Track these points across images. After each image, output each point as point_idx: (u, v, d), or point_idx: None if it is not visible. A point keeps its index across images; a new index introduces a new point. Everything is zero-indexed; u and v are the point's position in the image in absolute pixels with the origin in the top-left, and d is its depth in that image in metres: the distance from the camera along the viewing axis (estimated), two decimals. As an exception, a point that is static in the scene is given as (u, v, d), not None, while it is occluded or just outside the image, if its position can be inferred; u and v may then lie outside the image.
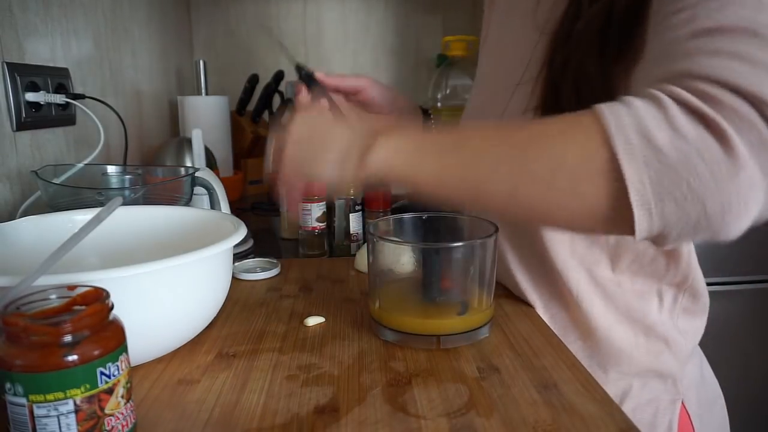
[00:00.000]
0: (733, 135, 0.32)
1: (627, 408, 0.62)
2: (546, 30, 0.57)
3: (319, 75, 0.64)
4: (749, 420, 1.43)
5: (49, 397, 0.34)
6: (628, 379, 0.63)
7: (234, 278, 0.73)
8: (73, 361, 0.34)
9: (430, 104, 1.70)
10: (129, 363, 0.39)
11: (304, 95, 0.64)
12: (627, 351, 0.62)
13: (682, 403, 0.64)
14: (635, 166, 0.34)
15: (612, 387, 0.63)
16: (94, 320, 0.36)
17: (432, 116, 0.76)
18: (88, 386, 0.35)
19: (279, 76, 1.51)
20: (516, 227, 0.63)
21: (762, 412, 1.44)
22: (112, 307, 0.38)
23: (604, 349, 0.62)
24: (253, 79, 1.51)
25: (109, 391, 0.36)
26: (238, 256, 0.86)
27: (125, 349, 0.38)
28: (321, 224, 0.92)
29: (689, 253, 0.61)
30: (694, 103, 0.34)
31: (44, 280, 0.40)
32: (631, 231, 0.36)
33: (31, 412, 0.34)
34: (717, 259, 1.26)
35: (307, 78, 0.64)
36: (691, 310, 0.64)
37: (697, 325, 0.66)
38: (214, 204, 0.84)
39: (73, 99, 0.94)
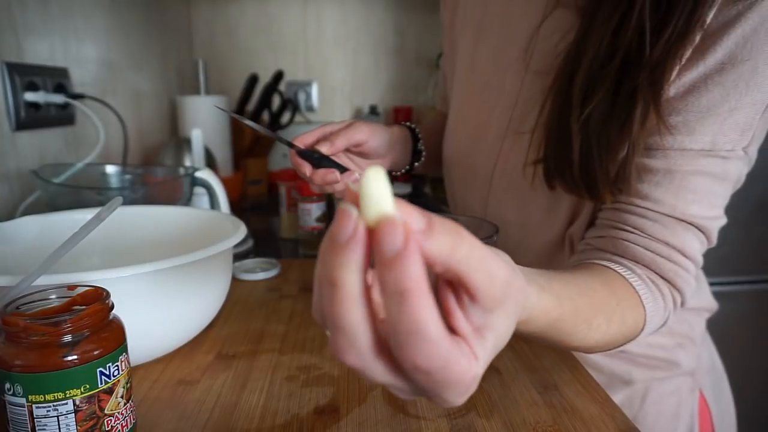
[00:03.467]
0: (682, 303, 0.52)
1: (651, 401, 0.63)
2: (540, 69, 0.56)
3: (321, 149, 0.57)
4: (749, 420, 1.43)
5: (49, 397, 0.34)
6: (650, 376, 0.64)
7: (234, 278, 0.73)
8: (72, 361, 0.34)
9: (430, 104, 1.70)
10: (129, 363, 0.39)
11: (313, 174, 0.56)
12: (648, 352, 0.63)
13: (700, 390, 0.66)
14: (649, 332, 0.50)
15: (635, 385, 0.64)
16: (94, 320, 0.36)
17: (420, 138, 0.73)
18: (87, 386, 0.35)
19: (278, 75, 1.51)
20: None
21: (763, 411, 1.44)
22: (112, 307, 0.38)
23: (630, 351, 0.63)
24: (253, 79, 1.51)
25: (109, 391, 0.36)
26: (238, 256, 0.86)
27: (125, 349, 0.38)
28: (321, 224, 0.92)
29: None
30: (684, 294, 0.51)
31: (44, 280, 0.40)
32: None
33: (31, 412, 0.34)
34: (717, 259, 1.26)
35: (310, 157, 0.56)
36: (695, 300, 0.65)
37: (703, 314, 0.67)
38: (214, 204, 0.84)
39: (73, 99, 0.94)
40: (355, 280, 0.24)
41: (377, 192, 0.23)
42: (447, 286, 0.27)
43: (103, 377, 0.36)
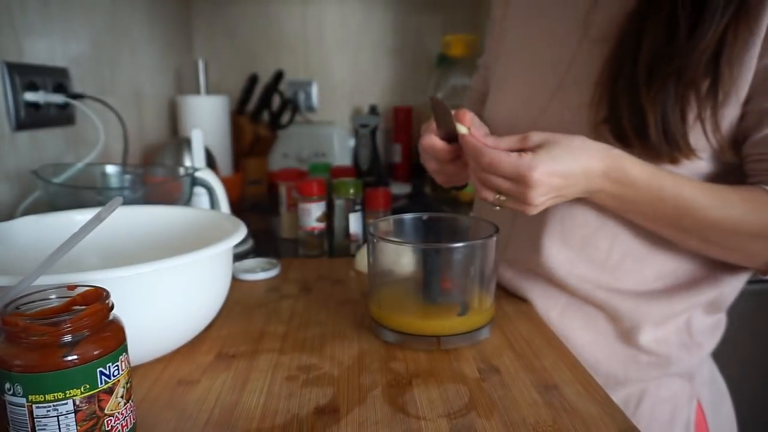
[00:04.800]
0: None
1: (646, 406, 0.63)
2: (598, 38, 0.58)
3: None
4: (750, 421, 1.43)
5: (49, 397, 0.34)
6: (646, 375, 0.63)
7: (234, 278, 0.73)
8: (72, 361, 0.34)
9: (430, 104, 1.70)
10: (129, 363, 0.39)
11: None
12: (651, 347, 0.63)
13: (698, 401, 0.65)
14: None
15: (631, 387, 0.64)
16: (94, 320, 0.36)
17: None
18: (87, 386, 0.35)
19: (278, 75, 1.51)
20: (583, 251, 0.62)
21: (763, 413, 1.44)
22: (112, 307, 0.38)
23: (630, 347, 0.63)
24: (253, 79, 1.51)
25: (109, 391, 0.36)
26: (238, 256, 0.86)
27: (125, 349, 0.38)
28: (320, 224, 0.92)
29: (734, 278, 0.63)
30: None
31: (44, 280, 0.40)
32: (764, 273, 0.56)
33: (31, 412, 0.34)
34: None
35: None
36: (715, 310, 0.66)
37: (721, 328, 0.67)
38: (214, 204, 0.84)
39: (73, 99, 0.94)
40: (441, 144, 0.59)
41: (462, 128, 0.55)
42: None
43: (103, 377, 0.36)
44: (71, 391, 0.34)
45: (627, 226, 0.59)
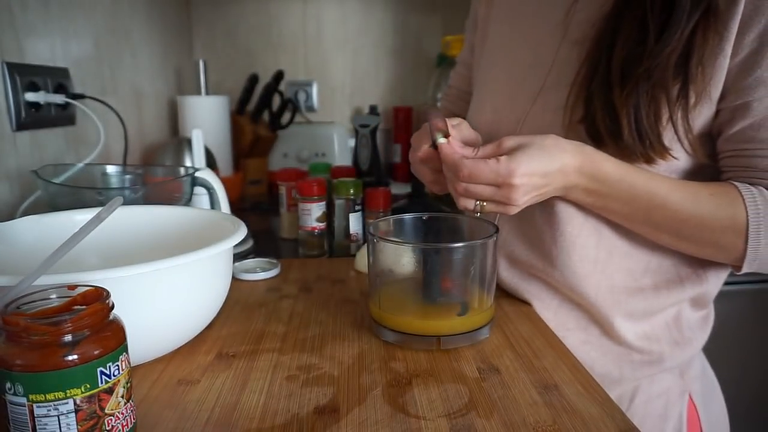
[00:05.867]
0: None
1: (639, 402, 0.64)
2: (577, 39, 0.59)
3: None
4: (748, 420, 1.43)
5: (50, 396, 0.34)
6: (640, 374, 0.64)
7: (234, 278, 0.73)
8: (73, 361, 0.34)
9: (430, 104, 1.70)
10: (129, 363, 0.39)
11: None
12: (644, 346, 0.63)
13: (690, 395, 0.66)
14: (755, 236, 0.52)
15: (626, 385, 0.64)
16: (95, 320, 0.36)
17: None
18: (88, 386, 0.35)
19: (279, 75, 1.51)
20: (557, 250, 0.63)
21: (761, 412, 1.44)
22: (112, 307, 0.38)
23: (625, 346, 0.63)
24: (253, 79, 1.51)
25: (110, 391, 0.36)
26: (238, 256, 0.86)
27: (125, 349, 0.38)
28: (321, 224, 0.92)
29: (716, 275, 0.63)
30: None
31: (44, 280, 0.40)
32: (738, 269, 0.55)
33: (31, 411, 0.34)
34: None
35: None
36: (702, 305, 0.66)
37: (710, 322, 0.67)
38: (214, 204, 0.84)
39: (73, 99, 0.94)
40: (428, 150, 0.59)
41: (442, 138, 0.56)
42: None
43: (103, 377, 0.36)
44: (72, 390, 0.34)
45: (607, 222, 0.60)
